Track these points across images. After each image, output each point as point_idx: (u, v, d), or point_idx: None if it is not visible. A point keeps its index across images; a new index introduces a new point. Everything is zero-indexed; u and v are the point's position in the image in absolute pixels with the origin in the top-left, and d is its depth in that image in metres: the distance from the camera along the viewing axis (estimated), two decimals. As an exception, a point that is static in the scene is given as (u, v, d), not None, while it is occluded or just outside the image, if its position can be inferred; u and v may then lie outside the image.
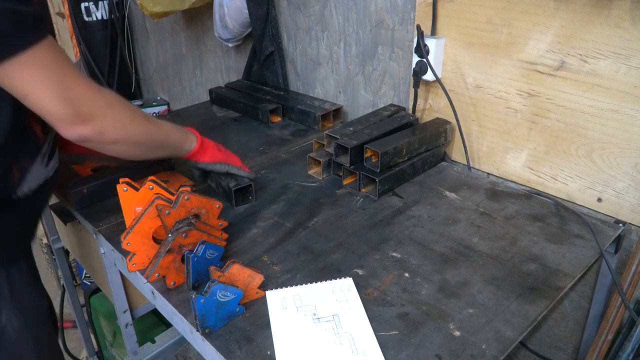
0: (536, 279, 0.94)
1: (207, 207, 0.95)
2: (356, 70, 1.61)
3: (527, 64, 1.15)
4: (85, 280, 2.53)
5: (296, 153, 1.46)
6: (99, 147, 0.91)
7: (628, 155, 1.06)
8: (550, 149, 1.18)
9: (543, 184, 1.22)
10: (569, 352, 1.32)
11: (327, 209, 1.18)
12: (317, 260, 1.00)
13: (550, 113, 1.15)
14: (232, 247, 1.04)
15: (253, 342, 0.81)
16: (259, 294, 0.90)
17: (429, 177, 1.31)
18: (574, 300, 1.25)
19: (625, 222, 1.10)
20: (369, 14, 1.49)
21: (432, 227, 1.10)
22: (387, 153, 1.21)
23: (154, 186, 0.96)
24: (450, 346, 0.80)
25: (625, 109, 1.03)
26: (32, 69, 0.78)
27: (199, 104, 1.94)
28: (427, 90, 1.40)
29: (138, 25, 2.80)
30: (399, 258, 1.00)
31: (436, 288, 0.92)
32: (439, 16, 1.29)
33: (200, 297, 0.79)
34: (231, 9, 1.82)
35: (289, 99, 1.73)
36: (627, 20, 0.97)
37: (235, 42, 2.01)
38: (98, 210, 1.18)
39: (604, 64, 1.03)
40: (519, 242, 1.05)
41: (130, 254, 0.95)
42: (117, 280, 1.32)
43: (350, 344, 0.79)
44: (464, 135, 1.33)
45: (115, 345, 1.80)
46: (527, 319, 0.85)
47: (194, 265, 0.87)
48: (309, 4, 1.66)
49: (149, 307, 1.46)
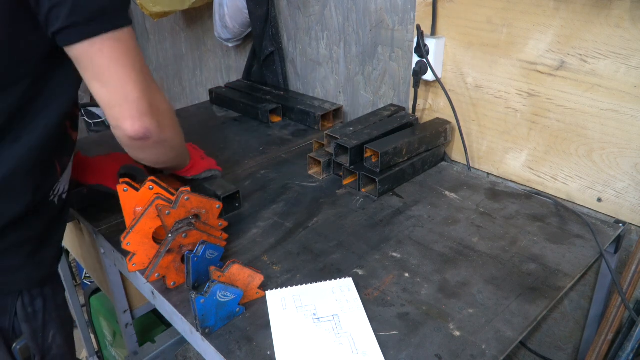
0: (536, 279, 0.94)
1: (207, 207, 0.95)
2: (356, 70, 1.61)
3: (527, 64, 1.15)
4: (85, 280, 2.53)
5: (296, 153, 1.46)
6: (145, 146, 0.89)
7: (628, 155, 1.06)
8: (550, 149, 1.18)
9: (543, 184, 1.22)
10: (569, 352, 1.32)
11: (327, 209, 1.18)
12: (317, 260, 1.00)
13: (550, 113, 1.15)
14: (232, 247, 1.04)
15: (253, 342, 0.81)
16: (259, 294, 0.90)
17: (429, 177, 1.31)
18: (574, 300, 1.25)
19: (625, 222, 1.10)
20: (369, 14, 1.49)
21: (432, 227, 1.10)
22: (387, 153, 1.21)
23: (154, 186, 0.96)
24: (450, 346, 0.80)
25: (625, 109, 1.03)
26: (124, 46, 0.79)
27: (199, 104, 1.94)
28: (427, 90, 1.40)
29: (138, 25, 2.80)
30: (399, 258, 1.00)
31: (436, 288, 0.92)
32: (439, 16, 1.29)
33: (200, 297, 0.79)
34: (231, 9, 1.82)
35: (289, 99, 1.73)
36: (627, 20, 0.97)
37: (235, 42, 2.01)
38: (98, 210, 1.18)
39: (603, 64, 1.03)
40: (519, 242, 1.05)
41: (130, 254, 0.95)
42: (117, 280, 1.32)
43: (350, 344, 0.79)
44: (464, 135, 1.33)
45: (115, 345, 1.80)
46: (527, 319, 0.85)
47: (194, 265, 0.87)
48: (309, 4, 1.66)
49: (149, 307, 1.46)
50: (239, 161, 1.41)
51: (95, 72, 0.79)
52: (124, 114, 0.81)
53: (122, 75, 0.79)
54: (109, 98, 0.80)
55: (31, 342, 0.95)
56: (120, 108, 0.81)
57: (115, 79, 0.79)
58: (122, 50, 0.79)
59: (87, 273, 2.43)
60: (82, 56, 0.78)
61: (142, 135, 0.83)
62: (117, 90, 0.80)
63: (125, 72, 0.79)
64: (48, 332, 0.97)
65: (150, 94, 0.83)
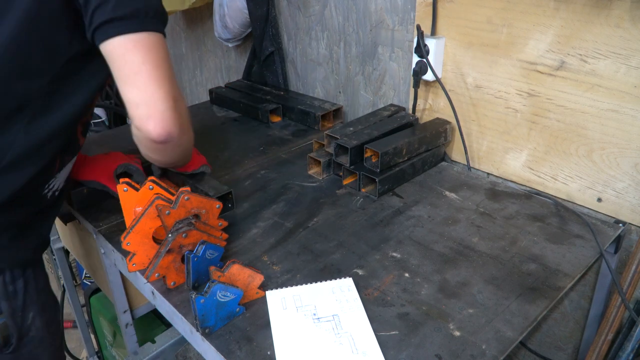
0: (536, 279, 0.94)
1: (207, 207, 0.95)
2: (356, 70, 1.61)
3: (527, 64, 1.15)
4: (85, 280, 2.53)
5: (296, 153, 1.46)
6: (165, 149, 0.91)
7: (628, 155, 1.06)
8: (550, 149, 1.18)
9: (543, 184, 1.22)
10: (569, 352, 1.32)
11: (327, 209, 1.18)
12: (317, 260, 1.00)
13: (550, 113, 1.15)
14: (232, 247, 1.04)
15: (253, 342, 0.81)
16: (259, 294, 0.90)
17: (429, 177, 1.31)
18: (574, 300, 1.25)
19: (625, 222, 1.10)
20: (369, 14, 1.49)
21: (432, 227, 1.10)
22: (387, 153, 1.21)
23: (154, 186, 0.96)
24: (450, 346, 0.80)
25: (625, 109, 1.03)
26: (158, 50, 0.83)
27: (199, 104, 1.94)
28: (427, 90, 1.40)
29: (138, 25, 2.80)
30: (399, 258, 1.00)
31: (436, 288, 0.92)
32: (439, 16, 1.29)
33: (200, 297, 0.79)
34: (231, 9, 1.82)
35: (289, 99, 1.73)
36: (627, 20, 0.97)
37: (235, 42, 2.01)
38: (98, 210, 1.18)
39: (603, 64, 1.03)
40: (519, 242, 1.05)
41: (130, 254, 0.95)
42: (117, 280, 1.32)
43: (350, 344, 0.79)
44: (464, 135, 1.33)
45: (115, 345, 1.80)
46: (527, 319, 0.85)
47: (194, 265, 0.87)
48: (309, 4, 1.66)
49: (149, 307, 1.46)
50: (239, 161, 1.41)
51: (127, 70, 0.81)
52: (149, 115, 0.83)
53: (152, 77, 0.81)
54: (137, 97, 0.82)
55: (10, 320, 0.97)
56: (146, 108, 0.82)
57: (146, 79, 0.81)
58: (156, 53, 0.82)
59: (87, 273, 2.43)
60: (116, 52, 0.81)
61: (164, 139, 0.85)
62: (146, 90, 0.82)
63: (156, 74, 0.82)
64: (27, 313, 0.99)
65: (176, 99, 0.85)
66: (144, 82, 0.81)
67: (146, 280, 0.93)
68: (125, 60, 0.81)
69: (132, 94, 0.82)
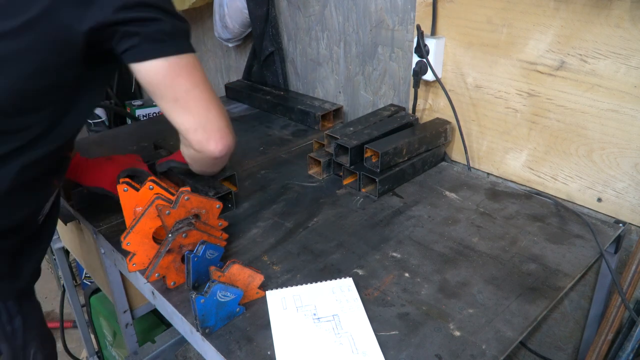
0: (536, 279, 0.94)
1: (207, 207, 0.95)
2: (356, 70, 1.61)
3: (527, 64, 1.15)
4: (85, 280, 2.52)
5: (296, 153, 1.46)
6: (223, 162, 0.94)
7: (628, 155, 1.06)
8: (550, 149, 1.18)
9: (543, 184, 1.22)
10: (569, 352, 1.32)
11: (327, 209, 1.18)
12: (317, 260, 1.00)
13: (550, 113, 1.15)
14: (232, 247, 1.04)
15: (253, 342, 0.81)
16: (259, 294, 0.90)
17: (429, 177, 1.31)
18: (574, 300, 1.25)
19: (625, 222, 1.10)
20: (369, 14, 1.49)
21: (432, 227, 1.10)
22: (387, 153, 1.21)
23: (154, 186, 0.96)
24: (450, 346, 0.80)
25: (625, 109, 1.03)
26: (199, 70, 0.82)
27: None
28: (427, 90, 1.40)
29: (138, 25, 2.80)
30: (399, 258, 1.00)
31: (436, 288, 0.92)
32: (439, 16, 1.29)
33: (200, 297, 0.79)
34: (231, 9, 1.82)
35: (289, 99, 1.73)
36: (627, 20, 0.97)
37: (235, 42, 2.01)
38: (98, 210, 1.18)
39: (603, 64, 1.03)
40: (519, 242, 1.05)
41: (130, 254, 0.95)
42: (117, 280, 1.32)
43: (350, 344, 0.79)
44: (464, 135, 1.33)
45: (115, 345, 1.80)
46: (527, 319, 0.85)
47: (194, 265, 0.87)
48: (309, 4, 1.66)
49: (149, 307, 1.46)
50: (239, 161, 1.41)
51: (176, 96, 0.81)
52: (209, 137, 0.84)
53: (202, 99, 0.82)
54: (193, 123, 0.83)
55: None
56: (204, 131, 0.83)
57: (197, 103, 0.82)
58: (199, 74, 0.82)
59: (87, 273, 2.43)
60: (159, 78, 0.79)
61: (225, 153, 0.87)
62: (200, 114, 0.82)
63: (205, 96, 0.82)
64: (29, 350, 0.98)
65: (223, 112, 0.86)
66: (195, 106, 0.82)
67: (146, 280, 0.93)
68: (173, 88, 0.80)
69: (186, 119, 0.82)
